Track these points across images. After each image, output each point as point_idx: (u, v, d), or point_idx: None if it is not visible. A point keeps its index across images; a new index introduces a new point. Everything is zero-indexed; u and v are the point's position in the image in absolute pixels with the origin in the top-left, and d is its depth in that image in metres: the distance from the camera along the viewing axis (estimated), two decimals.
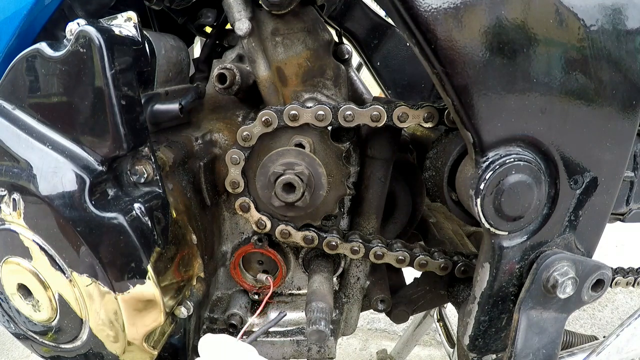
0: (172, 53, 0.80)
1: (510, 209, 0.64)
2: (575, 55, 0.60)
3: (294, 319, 0.92)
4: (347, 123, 0.73)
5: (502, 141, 0.62)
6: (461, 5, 0.56)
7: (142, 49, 0.66)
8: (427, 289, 0.95)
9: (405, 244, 0.84)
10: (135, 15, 0.65)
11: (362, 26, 1.11)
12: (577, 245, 0.71)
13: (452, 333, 1.54)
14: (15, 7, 0.67)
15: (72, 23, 0.58)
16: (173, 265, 0.67)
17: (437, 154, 0.77)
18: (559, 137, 0.64)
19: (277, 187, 0.71)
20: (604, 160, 0.67)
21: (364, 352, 2.09)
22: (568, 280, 0.66)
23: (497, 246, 0.68)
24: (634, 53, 0.62)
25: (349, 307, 0.94)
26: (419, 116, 0.72)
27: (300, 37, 0.79)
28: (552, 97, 0.61)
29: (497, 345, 0.75)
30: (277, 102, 0.79)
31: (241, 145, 0.74)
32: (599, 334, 2.12)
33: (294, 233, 0.80)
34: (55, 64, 0.58)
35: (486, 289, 0.70)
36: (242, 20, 0.73)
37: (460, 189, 0.70)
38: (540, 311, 0.70)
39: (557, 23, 0.59)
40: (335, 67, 0.81)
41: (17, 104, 0.61)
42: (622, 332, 0.87)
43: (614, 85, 0.62)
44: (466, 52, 0.57)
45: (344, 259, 0.91)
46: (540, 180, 0.65)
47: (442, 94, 0.62)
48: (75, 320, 0.66)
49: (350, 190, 0.84)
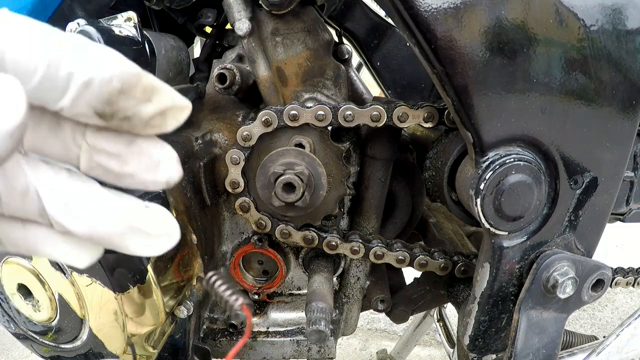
0: (172, 53, 0.80)
1: (510, 209, 0.64)
2: (575, 55, 0.60)
3: (294, 319, 0.92)
4: (347, 123, 0.73)
5: (502, 141, 0.62)
6: (461, 5, 0.56)
7: (142, 49, 0.66)
8: (427, 289, 0.95)
9: (405, 244, 0.84)
10: (135, 15, 0.65)
11: (362, 26, 1.11)
12: (577, 245, 0.71)
13: (452, 333, 1.54)
14: (15, 7, 0.67)
15: (72, 23, 0.58)
16: (173, 265, 0.67)
17: (437, 154, 0.77)
18: (559, 137, 0.64)
19: (277, 187, 0.71)
20: (604, 160, 0.67)
21: (364, 352, 2.09)
22: (568, 280, 0.66)
23: (497, 246, 0.68)
24: (634, 53, 0.62)
25: (349, 307, 0.94)
26: (419, 116, 0.72)
27: (300, 37, 0.79)
28: (552, 97, 0.61)
29: (497, 345, 0.75)
30: (277, 102, 0.79)
31: (241, 145, 0.74)
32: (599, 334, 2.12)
33: (294, 233, 0.80)
34: None
35: (486, 289, 0.70)
36: (242, 20, 0.73)
37: (460, 189, 0.70)
38: (540, 311, 0.70)
39: (557, 23, 0.59)
40: (335, 67, 0.81)
41: None
42: (622, 332, 0.87)
43: (614, 85, 0.63)
44: (466, 52, 0.57)
45: (344, 259, 0.91)
46: (540, 180, 0.65)
47: (442, 94, 0.62)
48: (75, 320, 0.66)
49: (350, 190, 0.84)
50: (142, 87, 0.28)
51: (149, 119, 0.29)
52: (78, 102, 0.27)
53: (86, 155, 0.30)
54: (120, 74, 0.28)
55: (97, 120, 0.28)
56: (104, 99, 0.27)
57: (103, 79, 0.27)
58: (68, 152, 0.30)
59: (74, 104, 0.27)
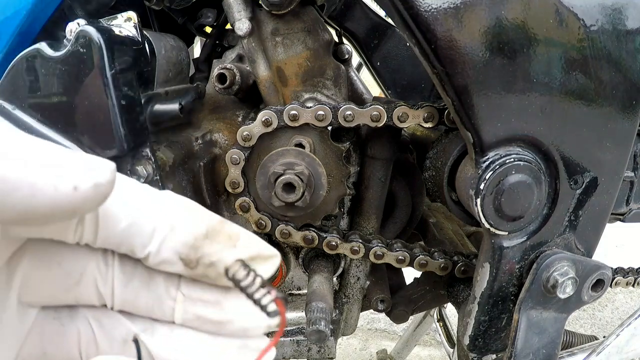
0: (172, 53, 0.80)
1: (510, 209, 0.64)
2: (575, 55, 0.60)
3: (293, 319, 0.92)
4: (347, 123, 0.73)
5: (502, 141, 0.62)
6: (461, 5, 0.56)
7: (142, 49, 0.66)
8: (427, 289, 0.95)
9: (405, 244, 0.84)
10: (135, 15, 0.65)
11: (362, 26, 1.11)
12: (577, 245, 0.71)
13: (452, 333, 1.54)
14: (15, 7, 0.67)
15: (72, 23, 0.58)
16: None
17: (437, 154, 0.77)
18: (559, 137, 0.64)
19: (277, 187, 0.71)
20: (604, 160, 0.67)
21: (364, 352, 2.09)
22: (568, 280, 0.66)
23: (497, 246, 0.68)
24: (634, 53, 0.62)
25: (349, 307, 0.94)
26: (419, 116, 0.72)
27: (300, 37, 0.79)
28: (552, 97, 0.61)
29: (497, 345, 0.75)
30: (277, 102, 0.79)
31: (241, 145, 0.74)
32: (599, 334, 2.12)
33: (294, 233, 0.80)
34: (55, 64, 0.58)
35: (486, 289, 0.70)
36: (242, 20, 0.73)
37: (460, 189, 0.70)
38: (540, 311, 0.70)
39: (557, 23, 0.59)
40: (335, 67, 0.81)
41: (17, 104, 0.61)
42: (622, 332, 0.87)
43: (613, 85, 0.62)
44: (466, 52, 0.57)
45: (344, 259, 0.91)
46: (540, 180, 0.65)
47: (442, 94, 0.62)
48: None
49: (350, 190, 0.84)
50: (227, 233, 0.28)
51: (235, 265, 0.29)
52: (164, 246, 0.27)
53: (181, 306, 0.29)
54: (205, 220, 0.28)
55: (183, 269, 0.28)
56: (189, 243, 0.27)
57: (188, 223, 0.28)
58: (161, 305, 0.30)
59: (160, 249, 0.27)
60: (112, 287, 0.29)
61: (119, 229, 0.27)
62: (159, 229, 0.27)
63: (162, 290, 0.29)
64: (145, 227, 0.27)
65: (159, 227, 0.27)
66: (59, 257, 0.29)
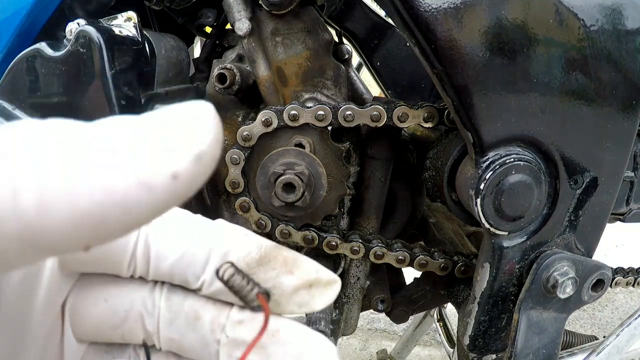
0: (172, 53, 0.80)
1: (510, 209, 0.64)
2: (575, 55, 0.60)
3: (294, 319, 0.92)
4: (347, 123, 0.73)
5: (502, 141, 0.62)
6: (461, 5, 0.56)
7: (142, 49, 0.66)
8: (427, 289, 0.95)
9: (405, 244, 0.84)
10: (135, 15, 0.65)
11: (362, 26, 1.11)
12: (577, 245, 0.71)
13: (452, 333, 1.54)
14: (15, 7, 0.67)
15: (72, 23, 0.58)
16: None
17: (437, 154, 0.77)
18: (559, 137, 0.64)
19: (277, 187, 0.71)
20: (604, 160, 0.67)
21: (364, 352, 2.09)
22: (568, 280, 0.66)
23: (497, 246, 0.68)
24: (634, 53, 0.62)
25: (349, 307, 0.94)
26: (419, 116, 0.72)
27: (300, 37, 0.79)
28: (552, 97, 0.61)
29: (497, 345, 0.75)
30: (277, 102, 0.79)
31: (241, 145, 0.74)
32: (599, 334, 2.12)
33: (294, 233, 0.80)
34: (55, 64, 0.58)
35: (486, 289, 0.70)
36: (242, 20, 0.73)
37: (460, 189, 0.70)
38: (540, 311, 0.70)
39: (557, 23, 0.59)
40: (335, 67, 0.81)
41: (17, 104, 0.62)
42: (622, 332, 0.87)
43: (613, 85, 0.63)
44: (466, 52, 0.57)
45: (344, 259, 0.91)
46: (540, 180, 0.65)
47: (442, 94, 0.62)
48: None
49: (350, 190, 0.84)
50: (282, 258, 0.28)
51: (292, 292, 0.28)
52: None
53: (226, 349, 0.28)
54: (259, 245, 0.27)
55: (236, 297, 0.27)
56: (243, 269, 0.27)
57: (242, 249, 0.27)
58: (206, 347, 0.29)
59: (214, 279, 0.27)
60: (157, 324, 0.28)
61: (172, 259, 0.26)
62: (213, 258, 0.27)
63: (207, 331, 0.28)
64: (198, 257, 0.26)
65: (212, 256, 0.27)
66: (105, 293, 0.28)
